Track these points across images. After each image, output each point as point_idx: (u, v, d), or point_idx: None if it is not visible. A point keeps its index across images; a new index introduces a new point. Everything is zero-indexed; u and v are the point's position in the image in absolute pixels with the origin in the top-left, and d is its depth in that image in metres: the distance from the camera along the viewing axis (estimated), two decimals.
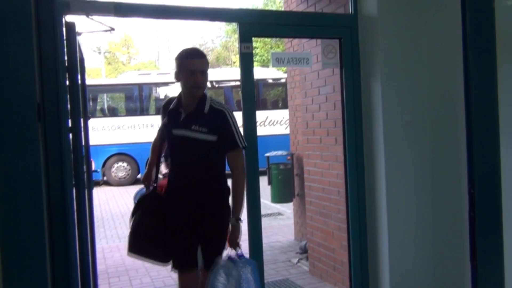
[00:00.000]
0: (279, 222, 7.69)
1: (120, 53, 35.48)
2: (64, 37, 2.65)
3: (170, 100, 2.95)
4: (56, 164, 2.45)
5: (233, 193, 2.79)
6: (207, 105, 2.75)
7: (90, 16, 3.15)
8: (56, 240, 2.43)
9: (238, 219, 2.74)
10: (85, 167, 3.17)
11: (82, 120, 3.09)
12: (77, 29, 2.86)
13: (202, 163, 2.76)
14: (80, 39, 3.13)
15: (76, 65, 2.86)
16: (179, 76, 2.77)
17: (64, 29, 2.66)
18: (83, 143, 3.10)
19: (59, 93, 2.47)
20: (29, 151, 1.82)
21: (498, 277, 1.47)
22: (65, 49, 2.66)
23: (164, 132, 2.95)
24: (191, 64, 2.68)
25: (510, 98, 2.06)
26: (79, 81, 3.04)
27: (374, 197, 3.38)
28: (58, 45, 2.49)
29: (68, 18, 2.77)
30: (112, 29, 5.08)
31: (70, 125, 2.71)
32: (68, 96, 2.75)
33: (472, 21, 1.49)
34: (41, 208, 1.92)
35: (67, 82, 2.73)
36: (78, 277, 2.63)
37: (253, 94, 3.19)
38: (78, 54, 2.94)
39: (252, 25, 3.15)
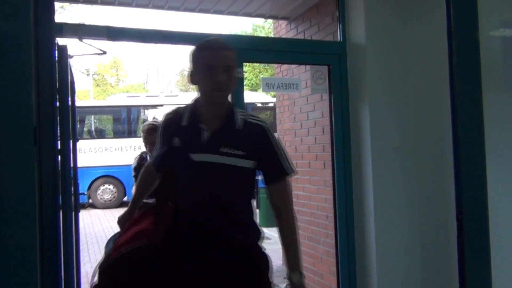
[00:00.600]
0: (267, 246, 7.57)
1: (109, 75, 35.53)
2: (56, 60, 2.67)
3: (177, 113, 1.97)
4: (49, 186, 2.44)
5: (288, 241, 1.97)
6: (239, 119, 1.90)
7: (82, 40, 3.16)
8: (47, 261, 2.40)
9: (301, 273, 1.93)
10: (72, 189, 3.14)
11: (71, 142, 3.08)
12: (69, 51, 2.88)
13: (235, 201, 1.89)
14: (71, 61, 3.14)
15: (67, 87, 2.87)
16: (194, 76, 1.88)
17: (56, 51, 2.68)
18: (72, 165, 3.09)
19: (54, 116, 2.48)
20: (24, 174, 1.79)
21: None
22: (57, 72, 2.67)
23: (171, 159, 1.96)
24: (211, 57, 1.81)
25: (495, 126, 2.12)
26: (69, 103, 3.04)
27: (362, 221, 3.40)
28: (54, 68, 2.51)
29: (60, 41, 2.79)
30: (104, 52, 5.11)
31: (59, 147, 2.71)
32: (58, 118, 2.75)
33: (458, 51, 1.55)
34: (34, 231, 1.90)
35: (57, 104, 2.74)
36: None
37: None
38: (69, 77, 2.95)
39: (243, 51, 3.18)
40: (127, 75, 37.79)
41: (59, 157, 2.70)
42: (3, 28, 1.65)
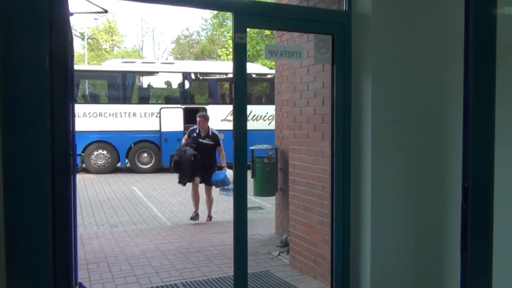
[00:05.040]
0: (259, 216, 7.73)
1: (103, 40, 34.93)
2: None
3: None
4: (61, 149, 2.46)
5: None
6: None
7: None
8: (58, 222, 2.43)
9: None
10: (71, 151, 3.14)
11: (70, 105, 3.06)
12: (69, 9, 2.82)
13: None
14: (71, 19, 3.07)
15: (67, 48, 2.82)
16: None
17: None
18: (70, 128, 3.08)
19: (67, 79, 2.48)
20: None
21: (487, 268, 1.52)
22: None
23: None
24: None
25: (506, 96, 2.12)
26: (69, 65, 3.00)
27: (359, 192, 3.44)
28: (68, 34, 2.50)
29: None
30: (105, 11, 4.98)
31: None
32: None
33: (475, 27, 1.53)
34: (46, 194, 1.99)
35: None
36: (73, 256, 2.61)
37: (245, 84, 3.18)
38: (69, 37, 2.90)
39: (247, 16, 3.15)
40: (122, 41, 37.18)
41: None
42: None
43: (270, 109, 12.97)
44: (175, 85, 16.23)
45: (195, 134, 7.51)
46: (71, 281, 2.76)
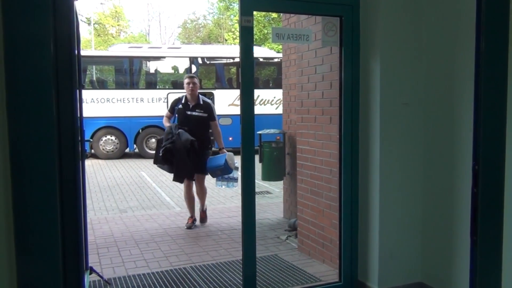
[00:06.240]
0: (268, 200, 7.75)
1: (110, 25, 34.83)
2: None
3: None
4: (68, 135, 2.46)
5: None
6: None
7: None
8: (66, 207, 2.45)
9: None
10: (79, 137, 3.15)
11: (77, 91, 3.06)
12: None
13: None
14: (76, 4, 3.05)
15: (73, 33, 2.80)
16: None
17: None
18: (77, 114, 3.08)
19: (72, 62, 2.47)
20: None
21: (497, 253, 1.51)
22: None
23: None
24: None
25: None
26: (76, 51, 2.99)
27: (367, 176, 3.42)
28: (72, 18, 2.48)
29: None
30: None
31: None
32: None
33: (487, 6, 1.49)
34: (54, 180, 2.03)
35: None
36: (84, 241, 2.64)
37: (252, 68, 3.16)
38: (75, 22, 2.88)
39: None
40: (128, 26, 37.06)
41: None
42: None
43: (278, 93, 12.92)
44: (182, 70, 16.20)
45: (180, 105, 5.62)
46: (82, 265, 2.80)
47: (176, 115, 5.68)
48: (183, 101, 5.61)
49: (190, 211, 5.77)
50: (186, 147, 5.35)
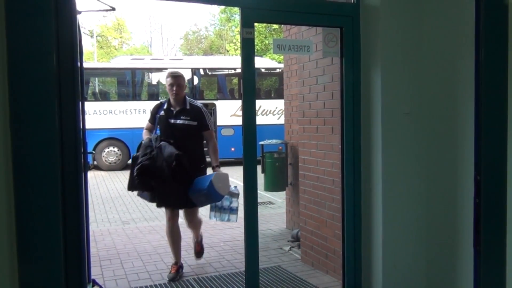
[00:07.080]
0: (270, 211, 7.73)
1: (112, 37, 35.08)
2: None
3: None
4: (71, 147, 2.47)
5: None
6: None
7: None
8: (69, 219, 2.46)
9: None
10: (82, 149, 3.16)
11: (79, 102, 3.08)
12: (77, 7, 2.82)
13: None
14: (79, 18, 3.08)
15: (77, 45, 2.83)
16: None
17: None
18: (80, 126, 3.10)
19: (74, 74, 2.49)
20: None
21: (500, 262, 1.50)
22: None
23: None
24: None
25: None
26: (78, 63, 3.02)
27: (370, 187, 3.41)
28: (75, 30, 2.51)
29: None
30: (113, 8, 4.98)
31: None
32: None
33: (486, 16, 1.50)
34: (57, 192, 2.03)
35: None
36: (86, 254, 2.63)
37: (254, 79, 3.17)
38: (78, 35, 2.91)
39: (254, 10, 3.13)
40: (131, 38, 37.32)
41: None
42: None
43: (279, 104, 12.95)
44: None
45: (162, 112, 4.19)
46: (84, 278, 2.78)
47: (158, 126, 4.25)
48: (165, 107, 4.19)
49: (174, 254, 4.31)
50: (169, 164, 3.81)
